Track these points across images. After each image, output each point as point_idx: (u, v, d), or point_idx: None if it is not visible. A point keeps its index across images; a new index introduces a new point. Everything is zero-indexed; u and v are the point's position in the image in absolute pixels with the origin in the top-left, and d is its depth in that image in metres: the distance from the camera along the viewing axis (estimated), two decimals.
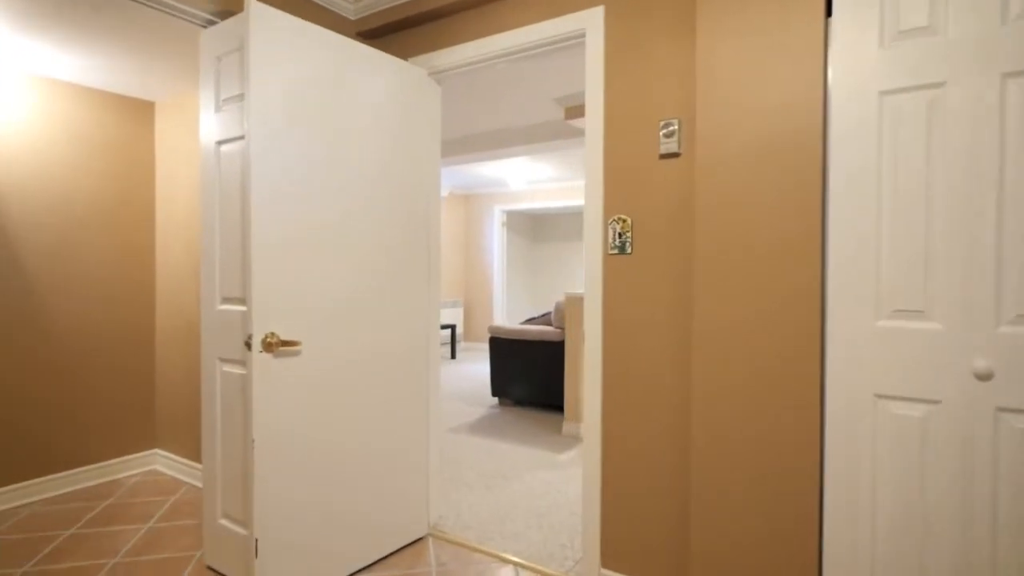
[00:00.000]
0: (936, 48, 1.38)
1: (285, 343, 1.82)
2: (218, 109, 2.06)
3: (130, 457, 3.13)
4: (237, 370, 2.00)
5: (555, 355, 4.40)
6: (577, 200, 7.70)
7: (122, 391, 3.11)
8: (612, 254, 1.93)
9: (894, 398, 1.43)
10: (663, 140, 1.80)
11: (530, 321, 5.12)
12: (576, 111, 3.78)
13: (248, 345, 1.77)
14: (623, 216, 1.90)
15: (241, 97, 1.96)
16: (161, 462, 3.18)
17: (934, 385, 1.38)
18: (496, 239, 8.39)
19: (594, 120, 1.96)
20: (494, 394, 4.82)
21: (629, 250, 1.89)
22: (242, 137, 1.95)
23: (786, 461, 1.55)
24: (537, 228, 9.56)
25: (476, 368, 6.86)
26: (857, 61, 1.47)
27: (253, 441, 1.76)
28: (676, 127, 1.78)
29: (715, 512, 1.64)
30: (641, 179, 1.87)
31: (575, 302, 3.87)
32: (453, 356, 7.56)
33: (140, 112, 3.16)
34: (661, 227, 1.83)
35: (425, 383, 2.39)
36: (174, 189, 3.11)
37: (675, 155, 1.79)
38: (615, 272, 1.93)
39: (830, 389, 1.50)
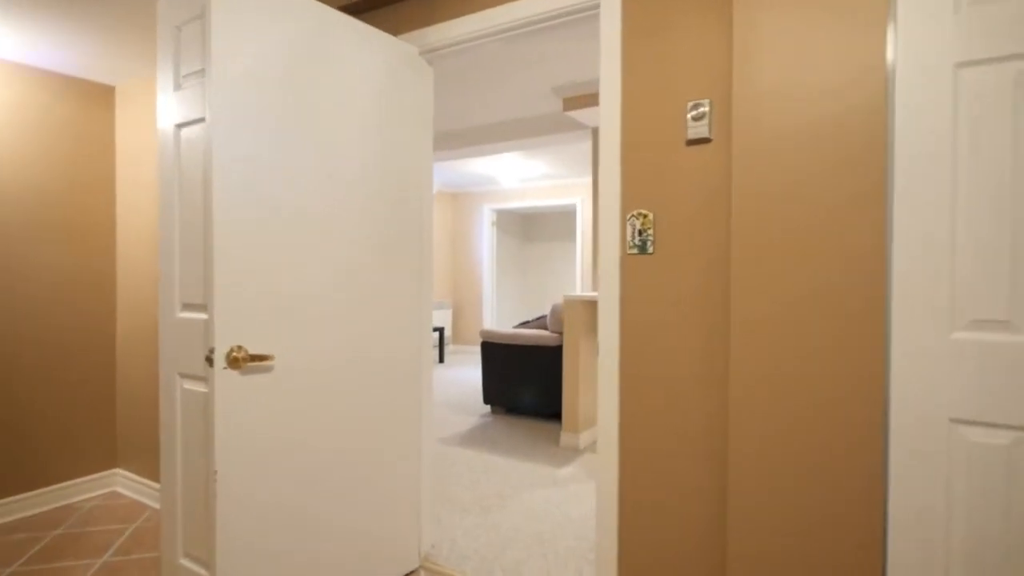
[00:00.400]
0: None
1: (254, 357, 1.56)
2: (178, 87, 1.79)
3: (87, 478, 2.83)
4: (200, 388, 1.73)
5: (552, 361, 4.17)
6: (570, 199, 7.49)
7: (78, 402, 2.81)
8: (631, 254, 1.70)
9: (973, 423, 1.22)
10: (691, 124, 1.58)
11: (524, 325, 4.88)
12: (577, 102, 3.56)
13: (209, 361, 1.51)
14: (644, 211, 1.68)
15: (203, 73, 1.69)
16: (122, 483, 2.89)
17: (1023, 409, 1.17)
18: (485, 239, 8.15)
19: (609, 102, 1.73)
20: (486, 402, 4.57)
21: (651, 249, 1.66)
22: (204, 119, 1.69)
23: (843, 489, 1.34)
24: (528, 228, 9.34)
25: (466, 373, 6.61)
26: (927, 29, 1.25)
27: (215, 473, 1.50)
28: (707, 109, 1.55)
29: (758, 535, 1.42)
30: (665, 169, 1.64)
31: (574, 305, 3.64)
32: (441, 360, 7.30)
33: (98, 96, 2.86)
34: (688, 223, 1.61)
35: (416, 397, 2.14)
36: (136, 179, 2.82)
37: (705, 140, 1.57)
38: (634, 274, 1.70)
39: (895, 410, 1.29)
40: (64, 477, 2.75)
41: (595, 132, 3.98)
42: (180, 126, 1.79)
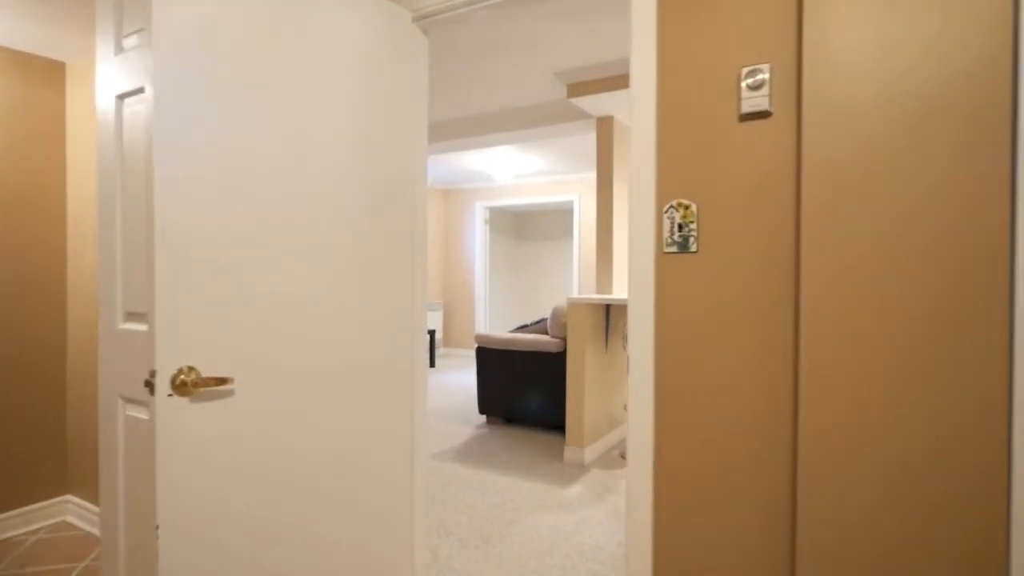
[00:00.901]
0: None
1: (210, 381, 1.26)
2: (119, 50, 1.48)
3: (33, 507, 2.49)
4: (146, 415, 1.43)
5: (553, 368, 3.89)
6: (567, 196, 7.22)
7: (23, 421, 2.47)
8: (669, 252, 1.42)
9: None
10: (746, 94, 1.30)
11: (522, 329, 4.60)
12: (582, 87, 3.28)
13: (150, 387, 1.20)
14: (685, 201, 1.40)
15: (146, 31, 1.38)
16: (74, 512, 2.56)
17: None
18: (478, 238, 7.85)
19: (643, 72, 1.45)
20: (482, 411, 4.28)
21: (693, 247, 1.38)
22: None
23: (945, 549, 1.07)
24: (521, 226, 9.05)
25: (459, 378, 6.31)
26: None
27: (158, 528, 1.20)
28: (766, 76, 1.28)
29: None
30: (711, 151, 1.36)
31: (579, 309, 3.36)
32: (432, 364, 6.99)
33: (46, 74, 2.53)
34: (740, 214, 1.33)
35: (409, 411, 1.84)
36: (90, 166, 2.49)
37: (764, 114, 1.29)
38: (673, 276, 1.42)
39: (1018, 468, 1.02)
40: (6, 506, 2.42)
41: (601, 122, 3.70)
42: (122, 97, 1.47)
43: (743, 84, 1.30)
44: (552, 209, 8.62)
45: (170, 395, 1.21)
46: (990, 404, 1.03)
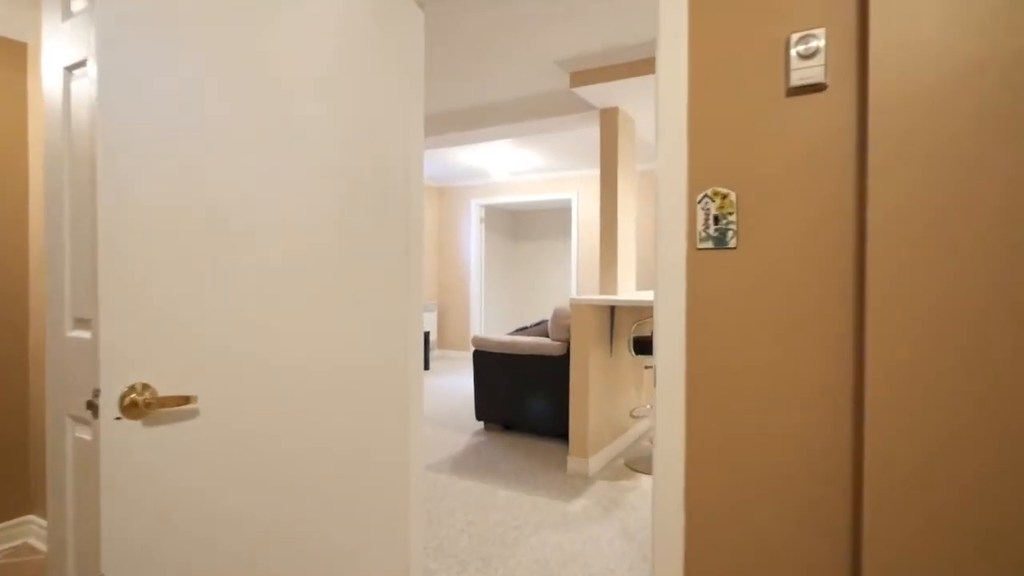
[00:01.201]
0: None
1: (168, 400, 1.06)
2: (67, 14, 1.28)
3: None
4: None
5: (554, 372, 3.70)
6: (565, 193, 7.04)
7: None
8: (703, 248, 1.24)
9: None
10: (796, 64, 1.12)
11: (522, 331, 4.41)
12: (586, 76, 3.09)
13: (93, 408, 1.00)
14: (722, 189, 1.22)
15: None
16: (37, 533, 2.34)
17: None
18: (473, 236, 7.66)
19: (671, 40, 1.26)
20: (479, 417, 4.09)
21: (731, 242, 1.20)
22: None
23: None
24: (518, 225, 8.86)
25: (454, 382, 6.11)
26: None
27: None
28: (821, 43, 1.10)
29: None
30: (753, 131, 1.18)
31: (583, 310, 3.18)
32: (427, 367, 6.80)
33: (7, 56, 2.31)
34: (789, 204, 1.15)
35: (404, 423, 1.65)
36: None
37: (818, 87, 1.11)
38: (707, 275, 1.24)
39: None
40: None
41: (605, 114, 3.52)
42: (70, 69, 1.28)
43: (793, 52, 1.12)
44: (550, 207, 8.44)
45: (118, 418, 1.01)
46: None
